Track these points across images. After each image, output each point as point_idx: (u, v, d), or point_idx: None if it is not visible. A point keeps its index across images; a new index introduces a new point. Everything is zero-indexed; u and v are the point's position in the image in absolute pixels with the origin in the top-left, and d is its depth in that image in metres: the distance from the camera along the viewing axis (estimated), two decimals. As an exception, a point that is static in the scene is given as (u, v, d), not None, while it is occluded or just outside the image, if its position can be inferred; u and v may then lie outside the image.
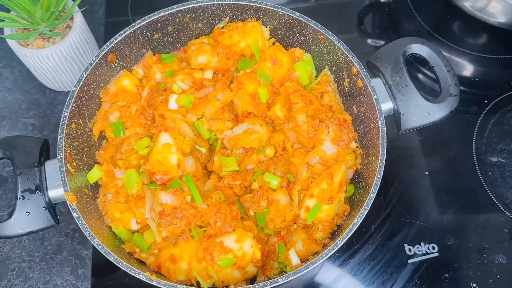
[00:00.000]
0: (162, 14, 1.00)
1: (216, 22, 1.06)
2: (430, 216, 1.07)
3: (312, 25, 0.99)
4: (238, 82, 0.99)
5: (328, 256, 0.80)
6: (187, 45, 1.08)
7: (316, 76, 1.07)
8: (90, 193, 0.92)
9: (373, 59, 0.99)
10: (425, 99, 0.93)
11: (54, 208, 0.87)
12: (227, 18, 1.06)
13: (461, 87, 0.96)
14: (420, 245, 1.04)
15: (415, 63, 1.28)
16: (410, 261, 1.02)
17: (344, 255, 1.03)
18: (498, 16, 1.21)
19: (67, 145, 0.88)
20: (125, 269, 0.79)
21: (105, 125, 0.98)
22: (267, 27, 1.05)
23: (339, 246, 0.81)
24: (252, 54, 1.03)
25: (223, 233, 0.85)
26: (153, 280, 0.78)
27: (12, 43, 1.07)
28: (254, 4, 1.02)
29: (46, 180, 0.86)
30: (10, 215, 0.83)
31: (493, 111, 1.20)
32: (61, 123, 0.88)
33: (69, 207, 0.83)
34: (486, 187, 1.10)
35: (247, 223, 0.89)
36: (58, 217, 0.89)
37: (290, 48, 1.07)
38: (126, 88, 1.01)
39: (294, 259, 0.88)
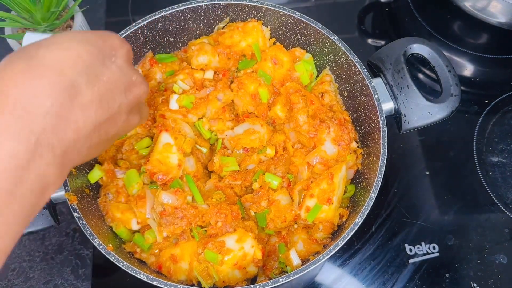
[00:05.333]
0: (162, 14, 1.00)
1: (217, 22, 1.06)
2: (431, 216, 1.07)
3: (313, 25, 0.99)
4: (239, 82, 0.99)
5: (328, 256, 0.80)
6: (187, 45, 1.08)
7: (317, 76, 1.07)
8: (91, 193, 0.92)
9: (373, 59, 0.99)
10: (426, 99, 0.93)
11: (54, 208, 0.87)
12: (228, 18, 1.06)
13: (462, 87, 0.96)
14: (421, 245, 1.04)
15: (415, 63, 1.28)
16: (410, 261, 1.02)
17: (345, 255, 1.03)
18: (499, 16, 1.21)
19: (67, 145, 0.88)
20: (125, 269, 0.79)
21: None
22: (267, 27, 1.05)
23: (340, 246, 0.81)
24: (252, 54, 1.03)
25: (223, 233, 0.85)
26: (154, 280, 0.78)
27: (12, 43, 1.07)
28: (255, 4, 1.01)
29: (46, 180, 0.85)
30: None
31: (493, 111, 1.21)
32: (61, 123, 0.88)
33: (70, 207, 0.83)
34: (486, 187, 1.10)
35: (247, 223, 0.89)
36: (59, 217, 0.89)
37: (291, 48, 1.07)
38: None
39: (295, 259, 0.87)
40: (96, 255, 1.03)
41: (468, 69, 1.29)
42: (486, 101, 1.22)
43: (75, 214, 0.82)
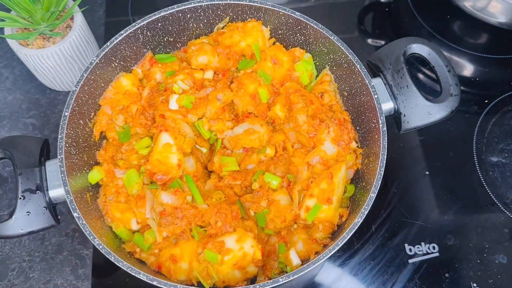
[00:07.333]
0: (162, 14, 1.00)
1: (217, 22, 1.06)
2: (431, 216, 1.07)
3: (312, 25, 0.99)
4: (239, 82, 0.99)
5: (328, 256, 0.80)
6: (187, 45, 1.08)
7: (317, 76, 1.07)
8: (91, 193, 0.92)
9: (373, 59, 0.99)
10: (425, 99, 0.93)
11: (54, 208, 0.87)
12: (228, 18, 1.06)
13: (462, 87, 0.96)
14: (421, 245, 1.04)
15: (415, 63, 1.28)
16: (410, 261, 1.02)
17: (345, 255, 1.03)
18: (499, 16, 1.21)
19: (67, 145, 0.88)
20: (125, 269, 0.79)
21: (106, 125, 0.98)
22: (267, 27, 1.05)
23: (340, 246, 0.81)
24: (252, 54, 1.03)
25: (223, 233, 0.85)
26: (154, 279, 0.78)
27: (12, 43, 1.07)
28: (255, 4, 1.01)
29: (46, 180, 0.85)
30: (10, 215, 0.83)
31: (493, 111, 1.21)
32: (61, 123, 0.88)
33: (70, 206, 0.83)
34: (486, 187, 1.10)
35: (247, 223, 0.89)
36: (59, 217, 0.89)
37: (291, 48, 1.07)
38: (126, 89, 1.00)
39: (295, 259, 0.87)
40: (96, 255, 1.03)
41: (468, 69, 1.29)
42: (486, 101, 1.22)
43: (75, 214, 0.82)
